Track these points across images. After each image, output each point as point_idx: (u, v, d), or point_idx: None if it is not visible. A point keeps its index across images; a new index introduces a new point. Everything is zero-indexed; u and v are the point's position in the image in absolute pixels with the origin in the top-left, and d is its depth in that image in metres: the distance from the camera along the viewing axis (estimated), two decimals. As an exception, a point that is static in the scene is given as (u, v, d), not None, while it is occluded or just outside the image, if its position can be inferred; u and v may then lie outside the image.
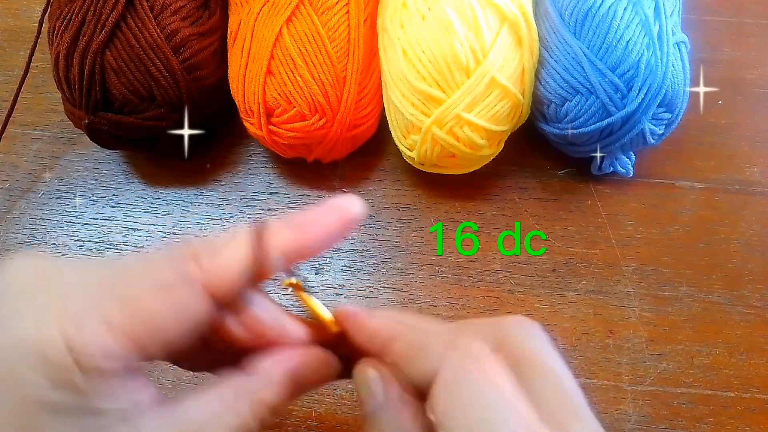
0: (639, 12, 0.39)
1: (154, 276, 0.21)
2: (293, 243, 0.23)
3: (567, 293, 0.41)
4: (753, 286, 0.41)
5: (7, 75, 0.49)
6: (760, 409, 0.38)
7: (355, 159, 0.44)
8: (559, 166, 0.45)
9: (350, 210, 0.24)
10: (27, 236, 0.43)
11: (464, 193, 0.44)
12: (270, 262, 0.22)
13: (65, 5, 0.39)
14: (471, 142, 0.39)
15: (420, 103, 0.39)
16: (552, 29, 0.41)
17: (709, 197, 0.44)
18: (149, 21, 0.38)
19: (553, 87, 0.40)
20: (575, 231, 0.43)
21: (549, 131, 0.42)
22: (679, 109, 0.41)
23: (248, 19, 0.41)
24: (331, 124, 0.40)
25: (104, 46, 0.38)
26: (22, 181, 0.45)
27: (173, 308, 0.20)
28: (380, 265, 0.42)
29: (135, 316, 0.20)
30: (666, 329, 0.40)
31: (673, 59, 0.39)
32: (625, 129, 0.40)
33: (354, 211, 0.24)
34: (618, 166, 0.43)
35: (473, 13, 0.38)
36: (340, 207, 0.24)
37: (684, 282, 0.41)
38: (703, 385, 0.38)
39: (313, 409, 0.37)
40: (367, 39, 0.41)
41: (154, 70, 0.38)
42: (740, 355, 0.39)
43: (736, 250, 0.42)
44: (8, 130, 0.44)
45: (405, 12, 0.40)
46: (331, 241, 0.24)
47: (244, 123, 0.42)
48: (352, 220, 0.24)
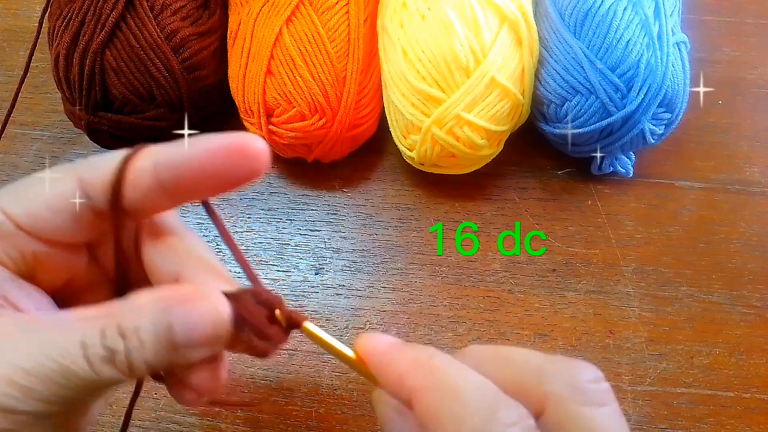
0: (639, 12, 0.39)
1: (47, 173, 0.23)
2: (166, 157, 0.22)
3: (567, 293, 0.41)
4: (753, 286, 0.41)
5: (7, 75, 0.49)
6: (760, 409, 0.38)
7: (355, 159, 0.44)
8: (559, 166, 0.45)
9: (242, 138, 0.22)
10: (27, 236, 0.43)
11: (464, 193, 0.44)
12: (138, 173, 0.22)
13: (65, 5, 0.39)
14: (471, 142, 0.39)
15: (420, 103, 0.39)
16: (552, 29, 0.41)
17: (709, 197, 0.44)
18: (149, 21, 0.38)
19: (553, 87, 0.40)
20: (575, 231, 0.43)
21: (549, 131, 0.42)
22: (679, 109, 0.41)
23: (248, 19, 0.41)
24: (331, 124, 0.40)
25: (104, 46, 0.38)
26: (22, 181, 0.45)
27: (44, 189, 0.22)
28: (380, 265, 0.42)
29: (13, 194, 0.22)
30: (666, 329, 0.40)
31: (673, 59, 0.39)
32: (625, 129, 0.40)
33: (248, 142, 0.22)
34: (618, 166, 0.43)
35: (473, 13, 0.38)
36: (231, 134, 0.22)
37: (684, 282, 0.41)
38: (703, 385, 0.38)
39: (313, 409, 0.37)
40: (367, 39, 0.41)
41: (154, 70, 0.38)
42: (740, 355, 0.39)
43: (736, 250, 0.42)
44: (8, 130, 0.44)
45: (405, 12, 0.40)
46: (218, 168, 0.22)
47: (244, 123, 0.42)
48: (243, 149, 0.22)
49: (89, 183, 0.22)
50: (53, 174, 0.23)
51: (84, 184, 0.22)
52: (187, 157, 0.22)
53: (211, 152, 0.22)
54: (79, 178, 0.22)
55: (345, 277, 0.41)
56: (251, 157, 0.22)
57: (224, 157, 0.22)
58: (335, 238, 0.43)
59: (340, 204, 0.44)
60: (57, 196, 0.22)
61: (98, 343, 0.20)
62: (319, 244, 0.42)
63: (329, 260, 0.42)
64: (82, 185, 0.22)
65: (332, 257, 0.42)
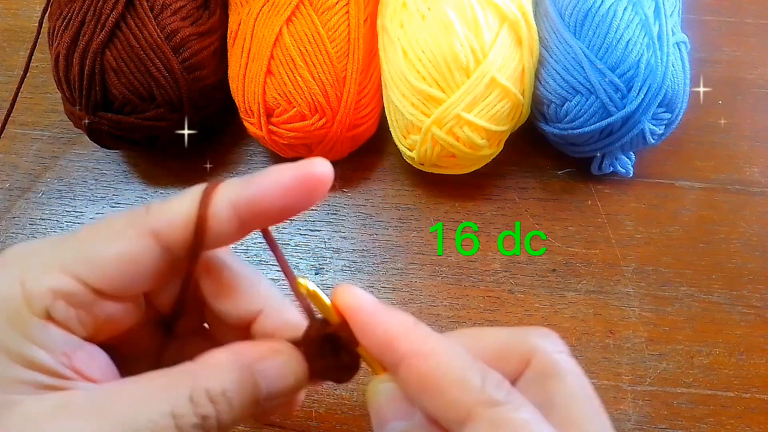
0: (639, 12, 0.39)
1: (108, 225, 0.22)
2: (243, 194, 0.22)
3: (567, 293, 0.41)
4: (753, 286, 0.41)
5: (7, 75, 0.49)
6: (760, 409, 0.38)
7: (355, 159, 0.44)
8: (559, 166, 0.45)
9: (310, 165, 0.22)
10: (27, 236, 0.43)
11: (464, 193, 0.44)
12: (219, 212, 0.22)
13: (65, 5, 0.39)
14: (471, 142, 0.39)
15: (420, 103, 0.39)
16: (552, 29, 0.41)
17: (709, 197, 0.44)
18: (149, 21, 0.38)
19: (553, 87, 0.40)
20: (575, 231, 0.43)
21: (549, 131, 0.42)
22: (679, 109, 0.41)
23: (248, 19, 0.40)
24: (331, 124, 0.40)
25: (104, 46, 0.38)
26: (22, 181, 0.45)
27: (120, 251, 0.21)
28: (380, 265, 0.42)
29: (83, 258, 0.21)
30: (666, 329, 0.40)
31: (673, 59, 0.39)
32: (625, 129, 0.40)
33: (317, 170, 0.22)
34: (618, 166, 0.43)
35: (473, 13, 0.38)
36: (303, 164, 0.22)
37: (684, 282, 0.41)
38: (703, 385, 0.38)
39: (313, 409, 0.37)
40: (367, 39, 0.41)
41: (154, 70, 0.38)
42: (740, 355, 0.39)
43: (736, 250, 0.42)
44: (8, 130, 0.44)
45: (405, 12, 0.40)
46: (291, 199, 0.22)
47: (244, 123, 0.42)
48: (311, 176, 0.22)
49: (165, 234, 0.22)
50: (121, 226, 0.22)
51: (159, 236, 0.22)
52: (263, 193, 0.22)
53: (286, 185, 0.22)
54: (153, 230, 0.22)
55: (345, 277, 0.41)
56: (322, 183, 0.22)
57: (298, 189, 0.22)
58: (335, 238, 0.43)
59: (340, 204, 0.44)
60: (135, 256, 0.21)
61: (190, 411, 0.20)
62: (319, 244, 0.42)
63: (329, 260, 0.42)
64: (157, 237, 0.22)
65: (332, 257, 0.42)
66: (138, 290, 0.23)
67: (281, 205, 0.22)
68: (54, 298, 0.21)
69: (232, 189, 0.22)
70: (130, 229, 0.22)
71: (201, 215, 0.22)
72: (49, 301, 0.20)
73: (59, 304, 0.21)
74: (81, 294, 0.21)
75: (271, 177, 0.22)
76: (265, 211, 0.22)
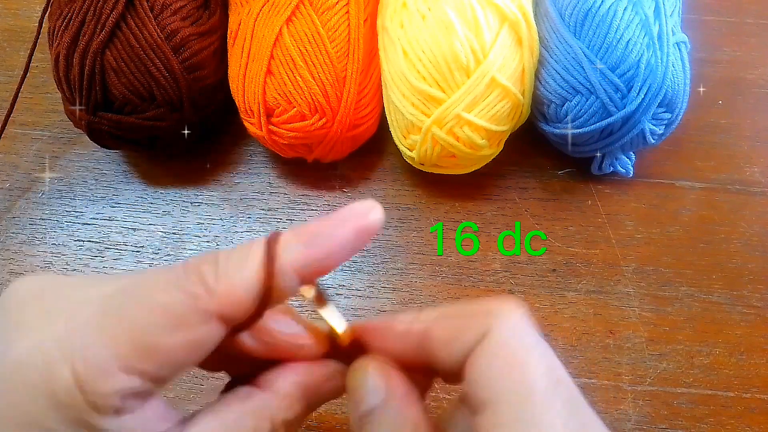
0: (639, 12, 0.39)
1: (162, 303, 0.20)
2: (307, 259, 0.21)
3: (567, 293, 0.41)
4: (753, 286, 0.41)
5: (7, 75, 0.49)
6: (760, 409, 0.38)
7: (355, 159, 0.44)
8: (559, 166, 0.45)
9: (368, 218, 0.22)
10: (27, 236, 0.43)
11: (464, 193, 0.44)
12: (283, 282, 0.20)
13: (65, 5, 0.39)
14: (471, 142, 0.39)
15: (420, 103, 0.39)
16: (552, 29, 0.41)
17: (709, 197, 0.44)
18: (149, 21, 0.38)
19: (553, 87, 0.40)
20: (575, 231, 0.43)
21: (549, 131, 0.42)
22: (679, 109, 0.41)
23: (248, 19, 0.40)
24: (331, 124, 0.40)
25: (104, 46, 0.38)
26: (22, 181, 0.45)
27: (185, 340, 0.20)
28: (380, 265, 0.42)
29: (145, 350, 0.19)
30: (666, 329, 0.40)
31: (673, 59, 0.39)
32: (625, 129, 0.40)
33: (373, 219, 0.22)
34: (618, 166, 0.43)
35: (473, 13, 0.38)
36: (357, 214, 0.22)
37: (684, 282, 0.41)
38: (703, 385, 0.38)
39: (313, 409, 0.37)
40: (367, 39, 0.41)
41: (154, 70, 0.38)
42: (740, 355, 0.39)
43: (736, 250, 0.42)
44: (8, 130, 0.44)
45: (405, 12, 0.40)
46: (349, 252, 0.22)
47: (244, 123, 0.42)
48: (370, 229, 0.22)
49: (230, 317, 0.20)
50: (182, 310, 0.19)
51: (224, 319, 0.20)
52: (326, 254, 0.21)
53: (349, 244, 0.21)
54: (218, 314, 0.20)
55: (345, 277, 0.41)
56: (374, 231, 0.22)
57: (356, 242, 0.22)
58: (335, 238, 0.43)
59: (340, 204, 0.44)
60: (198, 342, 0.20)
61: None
62: (319, 244, 0.42)
63: (329, 260, 0.42)
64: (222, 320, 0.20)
65: (332, 257, 0.42)
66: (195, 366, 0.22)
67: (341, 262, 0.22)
68: (123, 399, 0.19)
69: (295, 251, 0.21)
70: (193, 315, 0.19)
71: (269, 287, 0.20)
72: (118, 403, 0.19)
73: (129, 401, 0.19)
74: (148, 390, 0.20)
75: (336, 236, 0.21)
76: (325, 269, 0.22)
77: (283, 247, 0.21)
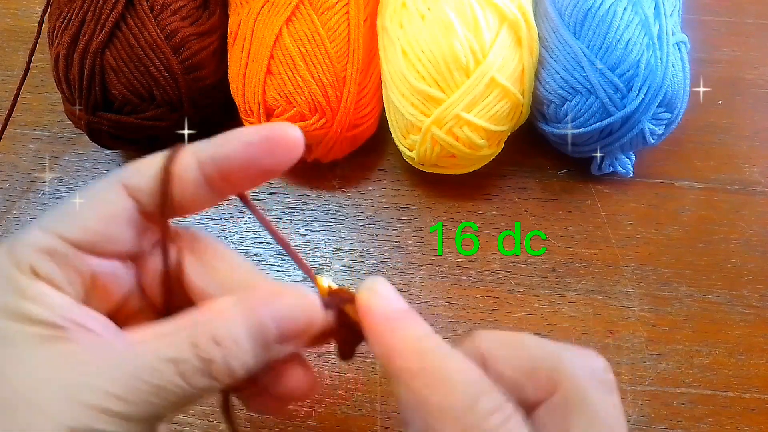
0: (639, 12, 0.39)
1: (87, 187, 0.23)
2: (209, 152, 0.23)
3: (567, 293, 0.41)
4: (753, 286, 0.41)
5: (7, 75, 0.49)
6: (760, 409, 0.38)
7: (355, 159, 0.44)
8: (559, 166, 0.45)
9: (277, 127, 0.23)
10: (27, 236, 0.43)
11: (464, 193, 0.44)
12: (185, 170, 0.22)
13: (65, 5, 0.39)
14: (471, 142, 0.39)
15: (420, 103, 0.39)
16: (552, 29, 0.41)
17: (708, 197, 0.44)
18: (149, 21, 0.38)
19: (553, 87, 0.40)
20: (575, 231, 0.43)
21: (549, 131, 0.42)
22: (679, 109, 0.41)
23: (248, 19, 0.41)
24: (331, 124, 0.40)
25: (104, 46, 0.38)
26: (22, 181, 0.45)
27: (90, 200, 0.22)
28: (380, 265, 0.42)
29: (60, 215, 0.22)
30: (666, 329, 0.40)
31: (673, 59, 0.39)
32: (625, 129, 0.40)
33: (282, 129, 0.23)
34: (618, 166, 0.43)
35: (473, 13, 0.38)
36: (267, 124, 0.23)
37: (684, 282, 0.41)
38: (703, 385, 0.38)
39: (313, 409, 0.37)
40: (367, 39, 0.41)
41: (154, 70, 0.38)
42: (740, 355, 0.39)
43: (735, 250, 0.42)
44: (8, 130, 0.44)
45: (405, 12, 0.40)
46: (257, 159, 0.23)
47: (244, 123, 0.42)
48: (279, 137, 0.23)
49: (136, 188, 0.22)
50: (98, 185, 0.23)
51: (131, 190, 0.22)
52: (229, 151, 0.23)
53: (252, 145, 0.23)
54: (125, 184, 0.22)
55: (345, 277, 0.41)
56: (290, 146, 0.23)
57: (265, 149, 0.23)
58: (335, 238, 0.43)
59: (340, 204, 0.44)
60: (107, 204, 0.22)
61: (191, 356, 0.20)
62: (319, 244, 0.42)
63: (329, 260, 0.42)
64: (130, 191, 0.22)
65: (332, 257, 0.42)
66: (116, 244, 0.23)
67: (247, 163, 0.23)
68: (37, 254, 0.21)
69: (199, 148, 0.23)
70: (101, 183, 0.23)
71: (166, 167, 0.22)
72: (33, 258, 0.21)
73: (44, 262, 0.21)
74: (61, 247, 0.21)
75: (236, 135, 0.23)
76: (233, 170, 0.23)
77: (190, 145, 0.23)
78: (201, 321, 0.21)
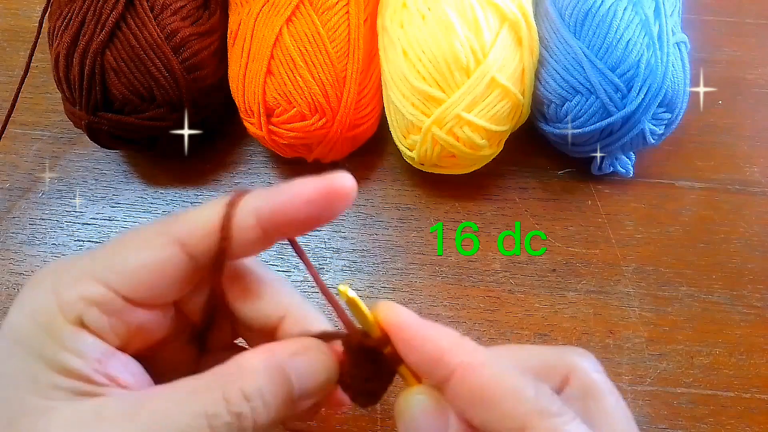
0: (639, 12, 0.39)
1: (137, 234, 0.23)
2: (267, 204, 0.23)
3: (567, 293, 0.41)
4: (753, 286, 0.41)
5: (7, 75, 0.49)
6: (760, 409, 0.38)
7: (355, 159, 0.44)
8: (559, 166, 0.45)
9: (336, 181, 0.23)
10: (27, 236, 0.43)
11: (464, 193, 0.44)
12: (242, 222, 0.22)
13: (65, 5, 0.39)
14: (471, 142, 0.39)
15: (420, 103, 0.39)
16: (552, 29, 0.41)
17: (709, 197, 0.44)
18: (149, 21, 0.38)
19: (553, 87, 0.40)
20: (575, 231, 0.43)
21: (549, 131, 0.42)
22: (679, 109, 0.41)
23: (248, 19, 0.41)
24: (331, 124, 0.40)
25: (104, 46, 0.38)
26: (22, 181, 0.45)
27: (146, 257, 0.22)
28: (380, 265, 0.42)
29: (113, 267, 0.22)
30: (666, 329, 0.40)
31: (673, 59, 0.39)
32: (625, 129, 0.40)
33: (341, 183, 0.23)
34: (618, 166, 0.43)
35: (473, 13, 0.38)
36: (326, 177, 0.23)
37: (684, 282, 0.41)
38: (703, 385, 0.38)
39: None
40: (367, 39, 0.41)
41: (154, 70, 0.38)
42: (740, 355, 0.39)
43: (736, 249, 0.42)
44: (8, 130, 0.44)
45: (405, 12, 0.40)
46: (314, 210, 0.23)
47: (244, 123, 0.42)
48: (336, 190, 0.23)
49: (190, 243, 0.22)
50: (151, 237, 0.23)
51: (185, 245, 0.22)
52: (290, 208, 0.23)
53: (309, 197, 0.23)
54: (179, 239, 0.22)
55: (345, 277, 0.41)
56: (344, 196, 0.23)
57: (321, 200, 0.23)
58: (335, 238, 0.43)
59: (340, 204, 0.44)
60: (162, 263, 0.22)
61: (224, 411, 0.20)
62: (319, 244, 0.42)
63: (329, 260, 0.42)
64: (183, 246, 0.22)
65: (332, 257, 0.42)
66: (166, 298, 0.23)
67: (304, 216, 0.23)
68: (86, 305, 0.21)
69: (257, 199, 0.23)
70: (157, 238, 0.22)
71: (225, 225, 0.22)
72: (81, 308, 0.21)
73: (92, 312, 0.21)
74: (112, 301, 0.22)
75: (295, 188, 0.23)
76: (288, 221, 0.23)
77: (246, 196, 0.23)
78: (231, 377, 0.21)
